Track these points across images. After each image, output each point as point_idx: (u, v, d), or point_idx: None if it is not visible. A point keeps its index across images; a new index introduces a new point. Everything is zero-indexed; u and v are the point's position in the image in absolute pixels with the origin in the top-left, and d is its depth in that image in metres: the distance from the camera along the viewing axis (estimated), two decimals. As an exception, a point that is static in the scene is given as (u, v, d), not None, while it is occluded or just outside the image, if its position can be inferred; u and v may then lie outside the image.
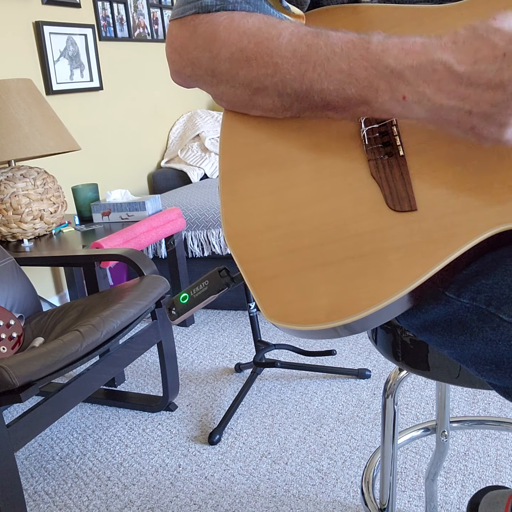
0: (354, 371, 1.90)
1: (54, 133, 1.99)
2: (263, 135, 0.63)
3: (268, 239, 0.57)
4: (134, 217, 2.23)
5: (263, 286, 0.55)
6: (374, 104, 0.55)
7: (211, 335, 2.35)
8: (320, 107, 0.59)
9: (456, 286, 0.56)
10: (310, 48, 0.56)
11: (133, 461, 1.59)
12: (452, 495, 1.34)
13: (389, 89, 0.53)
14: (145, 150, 3.22)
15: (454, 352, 0.59)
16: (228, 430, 1.68)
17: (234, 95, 0.63)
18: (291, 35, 0.58)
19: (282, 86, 0.59)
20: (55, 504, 1.44)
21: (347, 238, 0.55)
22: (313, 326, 0.52)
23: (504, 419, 1.22)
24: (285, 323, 0.53)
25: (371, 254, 0.53)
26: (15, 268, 1.80)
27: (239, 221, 0.59)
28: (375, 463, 1.10)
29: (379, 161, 0.58)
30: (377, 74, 0.53)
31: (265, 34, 0.59)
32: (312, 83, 0.57)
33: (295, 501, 1.37)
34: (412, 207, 0.54)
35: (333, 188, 0.58)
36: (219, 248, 2.43)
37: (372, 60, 0.53)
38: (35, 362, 1.21)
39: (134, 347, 1.64)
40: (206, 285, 0.65)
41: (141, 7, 3.17)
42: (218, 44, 0.60)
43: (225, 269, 0.65)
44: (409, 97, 0.52)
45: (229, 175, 0.62)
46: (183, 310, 0.66)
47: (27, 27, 2.44)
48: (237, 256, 0.58)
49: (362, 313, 0.50)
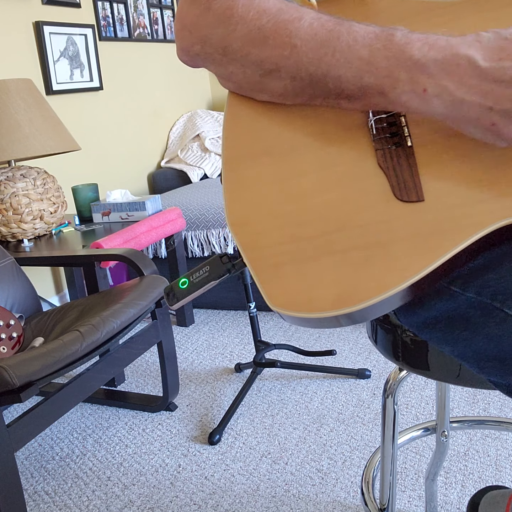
0: (354, 371, 1.90)
1: (54, 133, 1.99)
2: (268, 122, 0.62)
3: (273, 227, 0.56)
4: (134, 217, 2.23)
5: (267, 274, 0.55)
6: (391, 95, 0.54)
7: (211, 335, 2.35)
8: (333, 94, 0.58)
9: (461, 280, 0.55)
10: (331, 33, 0.55)
11: (133, 461, 1.59)
12: (452, 495, 1.34)
13: (409, 81, 0.52)
14: (145, 150, 3.22)
15: (456, 349, 0.59)
16: (228, 430, 1.68)
17: (243, 75, 0.61)
18: (313, 19, 0.57)
19: (297, 68, 0.57)
20: (55, 504, 1.44)
21: (353, 227, 0.54)
22: (318, 314, 0.51)
23: (504, 419, 1.22)
24: (290, 310, 0.52)
25: (377, 244, 0.53)
26: (15, 268, 1.80)
27: (242, 209, 0.58)
28: (375, 463, 1.10)
29: (387, 151, 0.58)
30: (399, 64, 0.52)
31: (285, 15, 0.57)
32: (329, 68, 0.56)
33: (295, 501, 1.37)
34: (419, 198, 0.54)
35: (339, 178, 0.57)
36: (219, 248, 2.43)
37: (395, 50, 0.52)
38: (35, 362, 1.21)
39: (134, 347, 1.64)
40: (207, 271, 0.65)
41: (141, 7, 3.17)
42: (234, 20, 0.59)
43: (227, 255, 0.65)
44: (430, 90, 0.51)
45: (232, 163, 0.61)
46: (182, 295, 0.65)
47: (27, 27, 2.44)
48: (241, 244, 0.57)
49: (367, 302, 0.50)
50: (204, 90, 3.85)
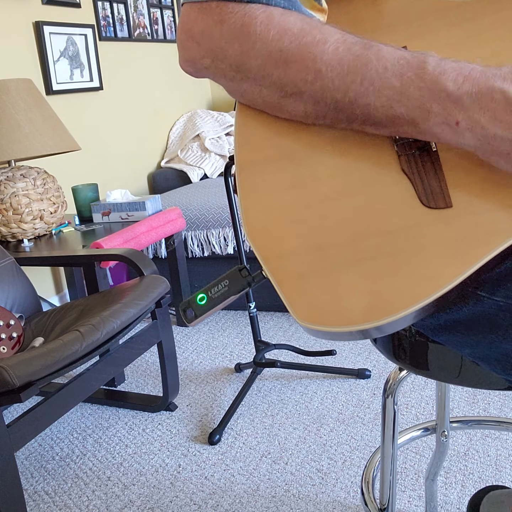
0: (354, 371, 1.90)
1: (54, 133, 1.99)
2: (283, 126, 0.60)
3: (294, 235, 0.54)
4: (134, 217, 2.23)
5: (292, 285, 0.52)
6: (422, 126, 0.53)
7: (211, 335, 2.35)
8: (358, 120, 0.56)
9: (489, 285, 0.55)
10: (359, 59, 0.53)
11: (133, 461, 1.59)
12: (452, 495, 1.34)
13: (442, 113, 0.51)
14: (145, 150, 3.22)
15: (478, 351, 0.58)
16: (228, 430, 1.68)
17: (259, 95, 0.59)
18: (338, 42, 0.54)
19: (321, 94, 0.55)
20: (55, 504, 1.44)
21: (380, 234, 0.52)
22: (349, 327, 0.49)
23: (504, 419, 1.22)
24: (318, 325, 0.50)
25: (407, 251, 0.51)
26: (15, 268, 1.80)
27: (260, 216, 0.56)
28: (375, 463, 1.10)
29: (411, 156, 0.56)
30: (432, 96, 0.51)
31: (308, 37, 0.55)
32: (357, 96, 0.54)
33: (295, 501, 1.37)
34: (447, 204, 0.52)
35: (361, 183, 0.55)
36: (219, 248, 2.43)
37: (428, 81, 0.51)
38: (35, 362, 1.21)
39: (134, 347, 1.64)
40: (226, 285, 0.61)
41: (141, 7, 3.17)
42: (253, 38, 0.56)
43: (246, 267, 0.62)
44: (463, 123, 0.51)
45: (247, 168, 0.59)
46: (202, 311, 0.61)
47: (27, 27, 2.44)
48: (260, 254, 0.54)
49: (400, 313, 0.48)
50: (204, 90, 3.86)
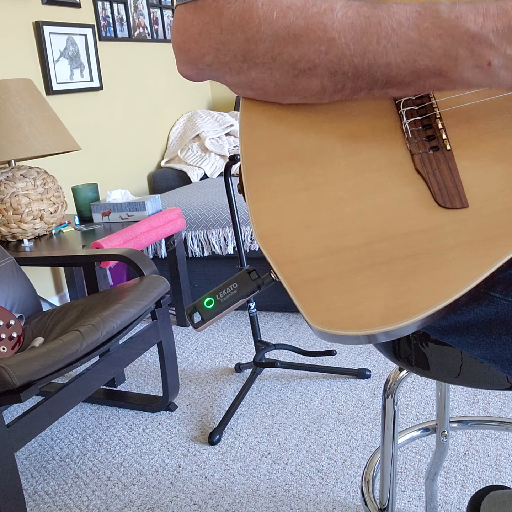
0: (354, 371, 1.90)
1: (54, 133, 1.99)
2: (291, 126, 0.58)
3: (307, 238, 0.53)
4: (134, 217, 2.23)
5: (306, 290, 0.51)
6: (452, 74, 0.51)
7: (211, 335, 2.35)
8: (380, 84, 0.54)
9: (503, 285, 0.54)
10: (371, 19, 0.51)
11: (133, 461, 1.59)
12: (452, 495, 1.34)
13: (471, 56, 0.49)
14: (145, 150, 3.22)
15: (491, 353, 0.57)
16: (228, 430, 1.68)
17: (271, 79, 0.56)
18: (345, 7, 0.52)
19: (338, 63, 0.53)
20: (55, 504, 1.44)
21: (396, 237, 0.51)
22: (366, 330, 0.48)
23: (504, 419, 1.22)
24: (334, 328, 0.49)
25: (424, 253, 0.50)
26: (15, 268, 1.80)
27: (270, 220, 0.54)
28: (375, 463, 1.10)
29: (425, 156, 0.55)
30: (455, 41, 0.49)
31: (314, 8, 0.52)
32: (376, 57, 0.51)
33: (295, 501, 1.37)
34: (463, 204, 0.51)
35: (375, 184, 0.54)
36: (219, 248, 2.43)
37: (447, 27, 0.49)
38: (35, 362, 1.21)
39: (134, 347, 1.64)
40: (235, 288, 0.59)
41: (141, 7, 3.17)
42: (256, 22, 0.54)
43: (255, 270, 0.61)
44: (495, 62, 0.49)
45: (255, 171, 0.57)
46: (209, 316, 0.59)
47: (27, 27, 2.44)
48: (273, 259, 0.53)
49: (417, 316, 0.47)
50: (204, 90, 3.86)
